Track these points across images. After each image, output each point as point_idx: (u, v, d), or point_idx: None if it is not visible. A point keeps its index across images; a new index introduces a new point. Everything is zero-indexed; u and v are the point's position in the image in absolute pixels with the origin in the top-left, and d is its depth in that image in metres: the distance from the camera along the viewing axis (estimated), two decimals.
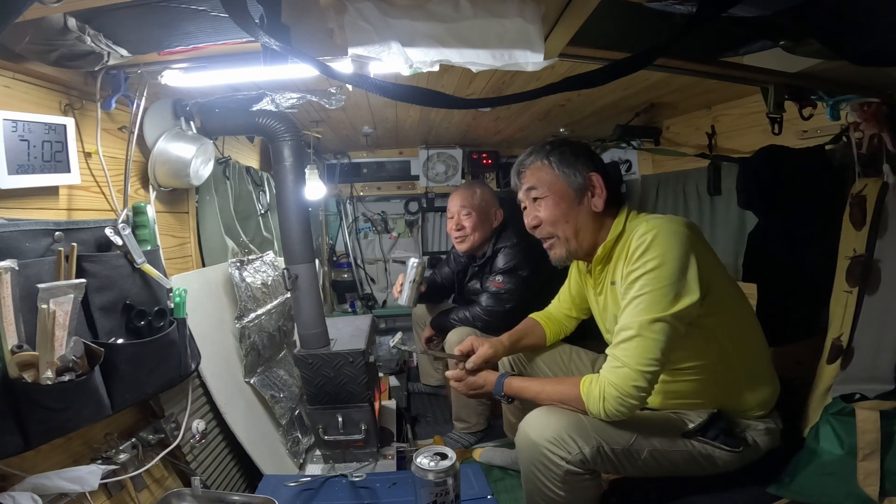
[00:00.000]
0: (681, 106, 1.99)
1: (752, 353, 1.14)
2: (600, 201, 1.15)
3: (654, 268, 0.99)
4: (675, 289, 0.98)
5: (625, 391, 0.98)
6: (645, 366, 0.98)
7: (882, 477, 1.04)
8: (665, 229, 1.02)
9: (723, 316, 1.08)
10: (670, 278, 0.99)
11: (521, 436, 1.06)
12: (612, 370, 1.01)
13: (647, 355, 0.98)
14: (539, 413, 1.07)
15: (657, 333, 0.98)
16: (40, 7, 0.69)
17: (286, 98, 1.45)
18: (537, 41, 0.86)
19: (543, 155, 1.20)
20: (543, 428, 1.02)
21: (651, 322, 0.98)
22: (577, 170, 1.16)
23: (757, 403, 1.13)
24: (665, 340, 0.98)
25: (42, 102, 0.99)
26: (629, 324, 1.01)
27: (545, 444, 1.00)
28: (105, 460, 1.02)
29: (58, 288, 0.83)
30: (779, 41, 0.99)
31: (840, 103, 1.28)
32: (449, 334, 1.94)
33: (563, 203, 1.17)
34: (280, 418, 1.61)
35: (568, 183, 1.17)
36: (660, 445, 1.06)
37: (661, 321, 0.98)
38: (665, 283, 0.99)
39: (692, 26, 0.71)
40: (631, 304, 1.02)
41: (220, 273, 1.60)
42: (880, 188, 1.18)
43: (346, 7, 0.79)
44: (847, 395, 1.16)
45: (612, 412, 0.99)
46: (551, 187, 1.18)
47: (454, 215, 2.08)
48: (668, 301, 0.98)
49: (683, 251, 1.00)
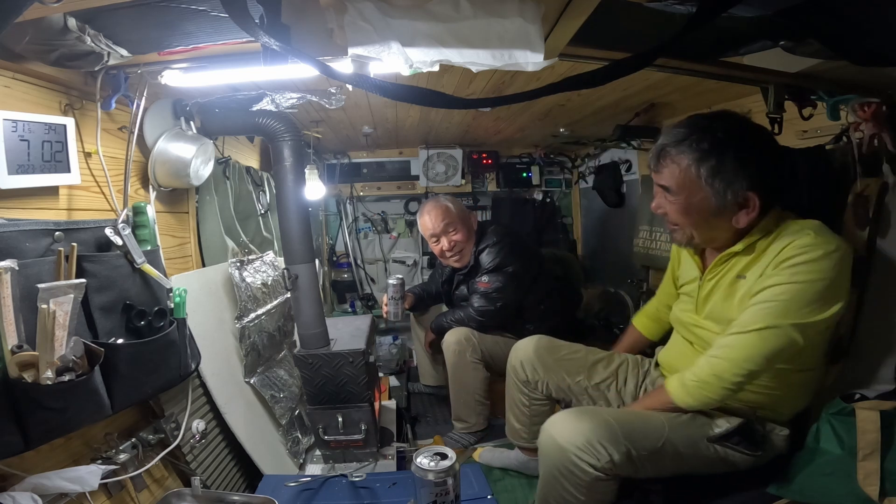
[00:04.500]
0: (681, 106, 1.99)
1: (821, 367, 1.14)
2: (746, 219, 1.03)
3: (803, 282, 0.96)
4: (814, 304, 0.96)
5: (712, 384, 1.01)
6: (745, 365, 0.98)
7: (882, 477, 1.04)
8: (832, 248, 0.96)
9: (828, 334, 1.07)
10: (815, 296, 0.96)
11: (547, 440, 1.03)
12: (710, 360, 1.03)
13: (752, 356, 0.98)
14: (566, 416, 1.04)
15: (773, 340, 0.97)
16: (40, 7, 0.68)
17: (286, 98, 1.45)
18: (537, 41, 0.86)
19: (697, 154, 1.00)
20: (573, 433, 0.99)
21: (772, 327, 0.96)
22: (733, 187, 1.00)
23: (793, 412, 1.14)
24: (776, 349, 0.97)
25: (42, 102, 0.99)
26: (749, 322, 0.99)
27: (574, 451, 0.97)
28: (105, 460, 1.02)
29: (58, 288, 0.83)
30: (779, 41, 0.99)
31: (840, 103, 1.28)
32: (446, 335, 1.95)
33: (696, 214, 1.06)
34: (280, 418, 1.61)
35: (713, 197, 1.02)
36: (684, 449, 1.05)
37: (784, 328, 0.96)
38: (807, 299, 0.96)
39: (692, 26, 0.71)
40: (759, 305, 0.99)
41: (220, 273, 1.60)
42: (880, 188, 1.18)
43: (346, 7, 0.79)
44: (847, 395, 1.16)
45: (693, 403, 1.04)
46: (689, 196, 1.04)
47: (439, 237, 2.01)
48: (803, 313, 0.96)
49: (840, 272, 0.96)
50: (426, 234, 2.08)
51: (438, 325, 2.09)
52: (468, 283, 2.07)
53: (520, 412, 1.51)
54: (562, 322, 2.13)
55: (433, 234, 2.03)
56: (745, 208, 1.03)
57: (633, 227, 2.53)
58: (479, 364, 1.89)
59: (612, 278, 2.81)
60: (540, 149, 3.13)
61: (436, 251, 2.09)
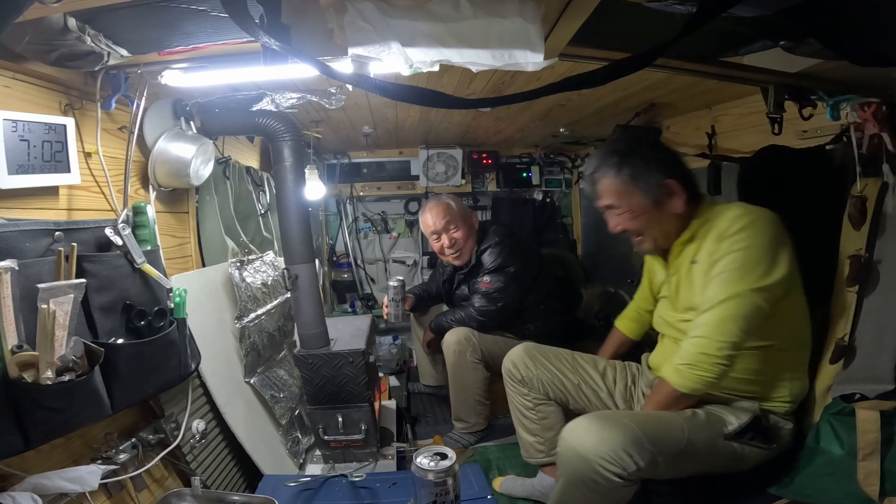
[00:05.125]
0: (681, 106, 1.99)
1: (804, 345, 1.19)
2: (680, 202, 1.17)
3: (745, 247, 1.05)
4: (762, 266, 1.04)
5: (701, 361, 1.04)
6: (723, 336, 1.02)
7: (882, 477, 1.04)
8: (759, 215, 1.09)
9: (793, 302, 1.12)
10: (759, 257, 1.04)
11: (567, 450, 1.02)
12: (692, 341, 1.06)
13: (727, 327, 1.03)
14: (587, 424, 1.02)
15: (739, 307, 1.03)
16: (40, 7, 0.68)
17: (286, 98, 1.45)
18: (537, 41, 0.86)
19: (614, 169, 1.18)
20: (597, 443, 0.97)
21: (734, 296, 1.03)
22: (652, 180, 1.16)
23: (791, 396, 1.17)
24: (746, 314, 1.03)
25: (42, 102, 0.99)
26: (713, 296, 1.05)
27: (598, 461, 0.96)
28: (105, 460, 1.02)
29: (58, 288, 0.83)
30: (779, 41, 0.99)
31: (840, 103, 1.28)
32: (446, 335, 1.94)
33: (643, 215, 1.19)
34: (280, 418, 1.61)
35: (645, 195, 1.17)
36: (703, 449, 1.06)
37: (745, 295, 1.03)
38: (753, 261, 1.04)
39: (692, 26, 0.71)
40: (716, 278, 1.06)
41: (220, 273, 1.60)
42: (880, 188, 1.18)
43: (346, 7, 0.79)
44: (847, 395, 1.16)
45: (691, 385, 1.06)
46: (630, 203, 1.19)
47: (440, 234, 2.02)
48: (755, 276, 1.03)
49: (774, 234, 1.06)
50: (427, 232, 2.08)
51: (438, 325, 2.09)
52: (469, 283, 2.07)
53: (528, 420, 1.49)
54: (562, 322, 2.13)
55: (434, 231, 2.04)
56: (673, 195, 1.17)
57: None
58: (479, 364, 1.89)
59: (612, 278, 2.81)
60: (540, 149, 3.13)
61: (436, 248, 2.10)
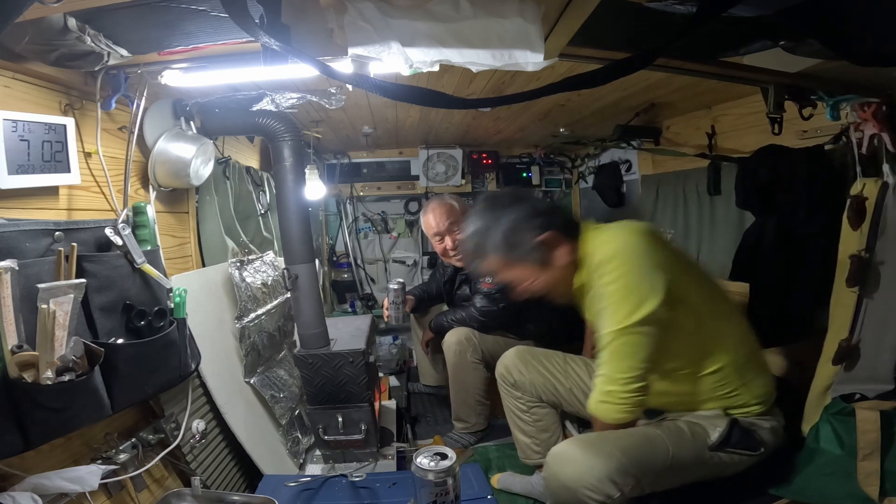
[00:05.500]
0: (681, 106, 1.99)
1: (737, 348, 1.12)
2: (564, 252, 1.13)
3: (613, 280, 1.01)
4: (636, 296, 0.99)
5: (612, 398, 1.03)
6: (622, 372, 1.01)
7: (882, 477, 1.04)
8: (621, 240, 1.05)
9: (699, 314, 1.08)
10: (629, 287, 1.00)
11: (552, 478, 1.02)
12: (598, 378, 1.06)
13: (623, 363, 1.01)
14: (572, 453, 1.01)
15: (626, 343, 1.01)
16: (40, 7, 0.69)
17: (286, 98, 1.45)
18: (537, 41, 0.86)
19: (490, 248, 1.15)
20: (581, 474, 0.97)
21: (618, 332, 1.00)
22: (529, 246, 1.12)
23: (755, 398, 1.12)
24: (636, 347, 1.00)
25: (42, 102, 0.99)
26: (601, 336, 1.04)
27: (583, 491, 0.95)
28: (105, 460, 1.02)
29: (58, 288, 0.83)
30: (779, 41, 0.99)
31: (840, 103, 1.28)
32: (447, 335, 1.94)
33: (533, 279, 1.16)
34: (280, 418, 1.61)
35: (529, 262, 1.14)
36: (689, 462, 1.06)
37: (626, 331, 1.00)
38: (625, 294, 1.00)
39: (692, 26, 0.71)
40: (600, 316, 1.04)
41: (220, 273, 1.60)
42: (880, 188, 1.18)
43: (346, 7, 0.79)
44: (847, 395, 1.16)
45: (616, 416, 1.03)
46: (521, 274, 1.16)
47: (443, 236, 2.00)
48: (630, 310, 0.99)
49: (640, 258, 1.02)
50: (429, 233, 2.08)
51: (438, 325, 2.09)
52: (470, 284, 2.07)
53: (523, 423, 1.50)
54: (562, 322, 2.13)
55: (437, 233, 2.03)
56: (554, 247, 1.13)
57: None
58: (479, 364, 1.89)
59: None
60: (540, 149, 3.13)
61: (438, 250, 2.09)
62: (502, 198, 1.19)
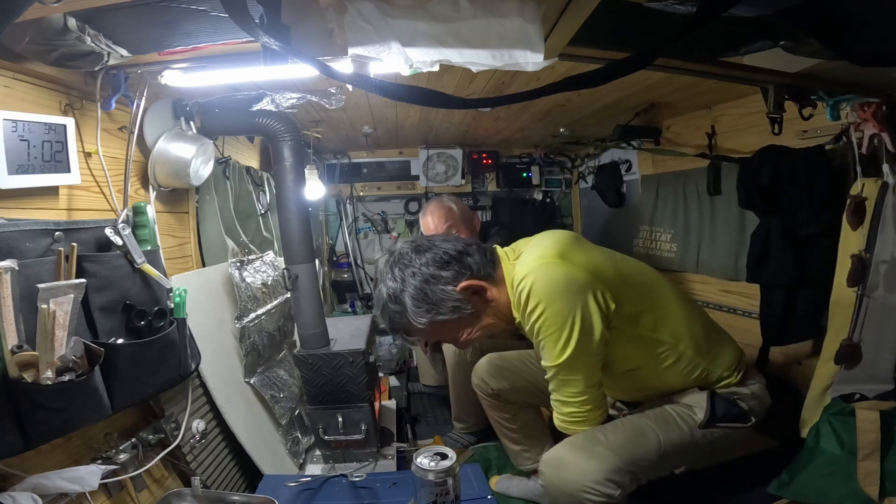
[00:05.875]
0: (681, 106, 1.99)
1: (691, 330, 1.10)
2: (489, 293, 1.07)
3: (538, 316, 0.98)
4: (567, 327, 0.96)
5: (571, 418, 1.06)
6: (574, 397, 1.04)
7: (882, 477, 1.04)
8: (534, 275, 0.99)
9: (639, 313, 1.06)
10: (556, 322, 0.97)
11: (551, 485, 1.03)
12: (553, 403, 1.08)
13: (572, 389, 1.03)
14: (566, 457, 1.03)
15: (569, 373, 1.01)
16: (40, 7, 0.68)
17: (286, 98, 1.45)
18: (537, 41, 0.86)
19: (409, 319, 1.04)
20: (579, 477, 0.98)
21: (559, 367, 1.01)
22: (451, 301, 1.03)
23: (727, 370, 1.12)
24: (580, 373, 1.01)
25: (42, 102, 0.99)
26: (546, 368, 1.04)
27: (583, 495, 0.97)
28: (105, 460, 1.02)
29: (58, 288, 0.83)
30: (779, 41, 0.99)
31: (840, 103, 1.28)
32: None
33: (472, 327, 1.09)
34: (280, 418, 1.61)
35: (453, 316, 1.04)
36: (683, 445, 1.08)
37: (566, 363, 0.99)
38: (555, 329, 0.97)
39: (692, 26, 0.71)
40: (540, 350, 1.04)
41: (220, 273, 1.60)
42: (880, 188, 1.19)
43: (346, 7, 0.79)
44: (847, 395, 1.16)
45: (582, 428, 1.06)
46: (452, 331, 1.09)
47: None
48: (563, 343, 0.97)
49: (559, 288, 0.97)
50: (428, 234, 2.08)
51: None
52: None
53: (509, 431, 1.50)
54: None
55: (433, 232, 2.04)
56: (478, 292, 1.06)
57: (634, 227, 2.53)
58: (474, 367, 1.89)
59: None
60: (540, 149, 3.13)
61: None
62: (402, 256, 1.07)
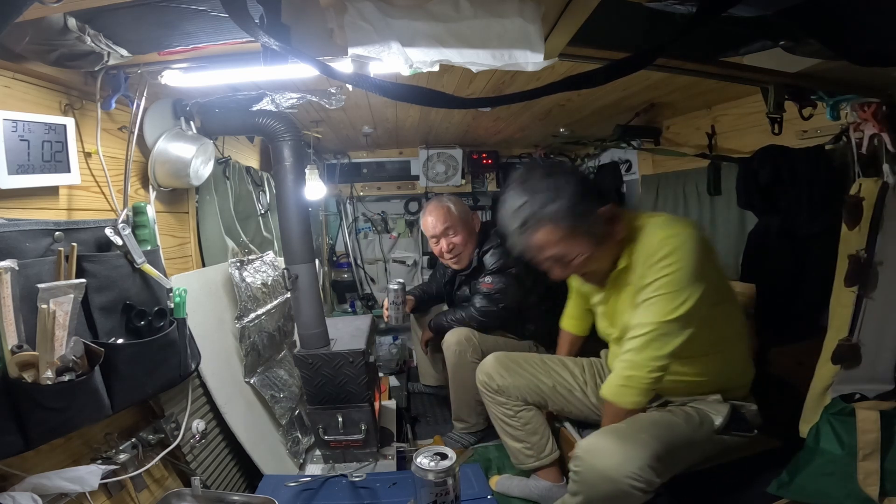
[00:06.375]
0: (681, 106, 1.99)
1: (740, 338, 1.23)
2: (621, 227, 1.14)
3: (671, 273, 1.05)
4: (686, 291, 1.04)
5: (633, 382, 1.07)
6: (651, 361, 1.06)
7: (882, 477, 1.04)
8: (685, 236, 1.08)
9: (722, 306, 1.16)
10: (683, 282, 1.05)
11: (591, 470, 1.01)
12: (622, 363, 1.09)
13: (657, 353, 1.06)
14: (607, 444, 1.02)
15: (664, 335, 1.05)
16: (40, 7, 0.69)
17: (286, 98, 1.45)
18: (537, 41, 0.86)
19: (550, 216, 1.09)
20: (622, 463, 0.98)
21: (660, 324, 1.05)
22: (591, 215, 1.10)
23: (743, 386, 1.25)
24: (674, 339, 1.05)
25: (42, 102, 0.99)
26: (642, 323, 1.07)
27: (626, 480, 0.96)
28: (105, 460, 1.02)
29: (58, 288, 0.83)
30: (779, 41, 0.99)
31: (840, 103, 1.28)
32: (447, 335, 1.94)
33: (587, 253, 1.14)
34: (280, 418, 1.61)
35: (589, 235, 1.11)
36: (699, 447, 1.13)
37: (668, 324, 1.05)
38: (678, 287, 1.05)
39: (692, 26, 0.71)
40: (645, 304, 1.08)
41: (220, 273, 1.60)
42: (880, 188, 1.18)
43: (346, 7, 0.79)
44: (847, 395, 1.16)
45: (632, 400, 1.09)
46: (580, 247, 1.12)
47: (439, 238, 2.02)
48: (677, 305, 1.04)
49: (697, 257, 1.06)
50: (427, 234, 2.09)
51: (438, 324, 2.09)
52: (470, 284, 2.07)
53: (511, 428, 1.50)
54: None
55: (433, 236, 2.05)
56: (612, 221, 1.14)
57: None
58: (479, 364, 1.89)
59: None
60: (540, 149, 3.13)
61: (435, 251, 2.11)
62: (555, 168, 1.16)
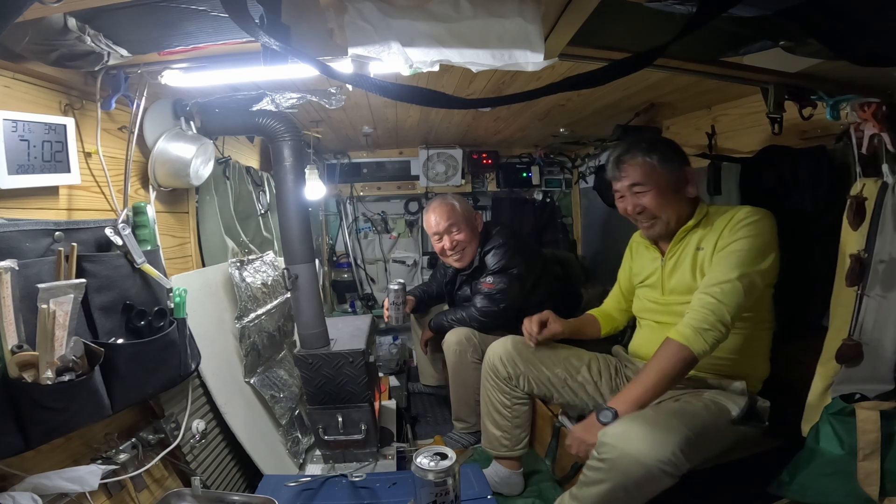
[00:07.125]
0: (681, 106, 1.99)
1: (769, 331, 1.35)
2: (693, 189, 1.35)
3: (755, 235, 1.23)
4: (765, 253, 1.22)
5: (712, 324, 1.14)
6: (733, 306, 1.15)
7: (882, 477, 1.04)
8: (765, 214, 1.27)
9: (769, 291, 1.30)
10: (764, 246, 1.22)
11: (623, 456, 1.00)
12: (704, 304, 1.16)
13: (735, 300, 1.16)
14: (638, 430, 1.02)
15: (746, 283, 1.17)
16: (40, 7, 0.68)
17: (286, 98, 1.44)
18: (537, 41, 0.86)
19: (645, 152, 1.33)
20: (655, 448, 0.99)
21: (745, 274, 1.18)
22: (676, 164, 1.33)
23: (760, 378, 1.33)
24: (749, 292, 1.18)
25: (42, 102, 0.99)
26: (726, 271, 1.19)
27: (658, 465, 0.97)
28: (105, 460, 1.02)
29: (58, 288, 0.83)
30: (779, 41, 0.99)
31: (840, 103, 1.28)
32: (447, 335, 1.94)
33: (667, 194, 1.33)
34: (280, 418, 1.61)
35: (670, 177, 1.32)
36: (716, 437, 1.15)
37: (753, 275, 1.19)
38: (760, 248, 1.21)
39: (692, 26, 0.71)
40: (727, 258, 1.21)
41: (220, 273, 1.60)
42: (880, 188, 1.18)
43: (346, 7, 0.79)
44: (847, 395, 1.16)
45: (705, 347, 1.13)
46: (657, 182, 1.32)
47: (442, 236, 2.03)
48: (760, 260, 1.21)
49: (774, 232, 1.26)
50: (430, 232, 2.09)
51: (438, 324, 2.09)
52: (471, 284, 2.07)
53: (500, 416, 1.51)
54: None
55: (436, 233, 2.04)
56: (689, 181, 1.35)
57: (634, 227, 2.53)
58: (479, 364, 1.88)
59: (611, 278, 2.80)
60: (540, 149, 3.13)
61: (437, 249, 2.10)
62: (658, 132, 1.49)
